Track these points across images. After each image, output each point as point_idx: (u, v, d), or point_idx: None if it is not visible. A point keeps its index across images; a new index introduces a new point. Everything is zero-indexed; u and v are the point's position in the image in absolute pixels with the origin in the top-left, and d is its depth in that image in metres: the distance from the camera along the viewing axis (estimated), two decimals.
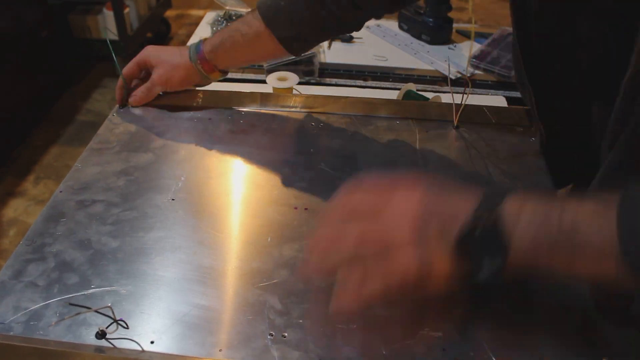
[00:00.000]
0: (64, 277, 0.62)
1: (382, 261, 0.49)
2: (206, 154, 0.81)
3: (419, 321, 0.58)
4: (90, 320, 0.57)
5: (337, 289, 0.51)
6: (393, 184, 0.52)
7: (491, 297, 0.60)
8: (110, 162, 0.79)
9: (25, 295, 0.60)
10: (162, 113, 0.89)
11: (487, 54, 1.29)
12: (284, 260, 0.64)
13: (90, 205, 0.72)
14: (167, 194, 0.73)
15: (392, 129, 0.86)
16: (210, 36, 0.90)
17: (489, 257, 0.46)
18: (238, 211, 0.72)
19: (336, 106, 0.90)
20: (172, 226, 0.69)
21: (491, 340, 0.56)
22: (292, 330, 0.56)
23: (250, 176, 0.78)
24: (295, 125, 0.87)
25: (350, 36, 1.38)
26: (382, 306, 0.58)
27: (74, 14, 2.59)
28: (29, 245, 0.66)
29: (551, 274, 0.46)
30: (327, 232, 0.53)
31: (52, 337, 0.56)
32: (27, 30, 2.32)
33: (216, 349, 0.55)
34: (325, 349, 0.55)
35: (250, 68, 1.29)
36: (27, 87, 2.35)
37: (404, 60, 1.31)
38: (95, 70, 2.82)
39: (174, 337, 0.56)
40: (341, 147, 0.83)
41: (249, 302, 0.59)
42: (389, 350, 0.55)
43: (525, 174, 0.78)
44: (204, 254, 0.65)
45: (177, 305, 0.59)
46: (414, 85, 1.09)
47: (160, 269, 0.63)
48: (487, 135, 0.85)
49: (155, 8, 2.88)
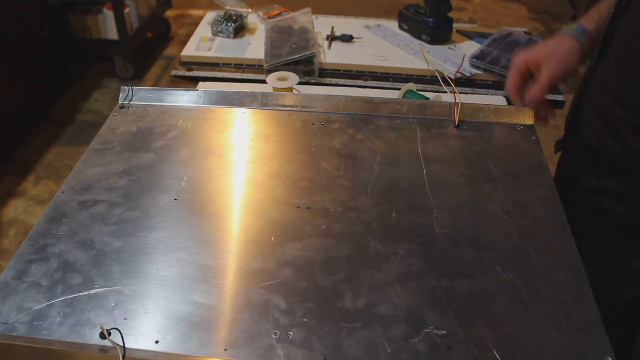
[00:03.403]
0: (67, 277, 0.62)
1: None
2: (208, 153, 0.81)
3: (423, 319, 0.58)
4: (94, 320, 0.57)
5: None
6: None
7: (495, 295, 0.61)
8: (112, 162, 0.79)
9: (29, 295, 0.60)
10: (163, 113, 0.90)
11: (487, 54, 1.29)
12: (287, 259, 0.65)
13: (92, 206, 0.72)
14: (170, 194, 0.74)
15: (393, 127, 0.87)
16: (582, 17, 0.90)
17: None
18: (240, 211, 0.72)
19: (337, 105, 0.90)
20: (175, 226, 0.69)
21: (495, 338, 0.56)
22: (296, 329, 0.57)
23: (252, 176, 0.78)
24: (296, 125, 0.87)
25: (350, 36, 1.37)
26: (385, 305, 0.58)
27: (74, 14, 2.59)
28: (31, 246, 0.66)
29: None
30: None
31: (56, 337, 0.56)
32: (27, 30, 2.32)
33: (221, 348, 0.55)
34: (329, 347, 0.55)
35: (250, 68, 1.29)
36: (27, 87, 2.35)
37: (404, 60, 1.31)
38: (95, 70, 2.82)
39: (178, 337, 0.56)
40: (342, 146, 0.83)
41: (253, 302, 0.60)
42: (393, 348, 0.55)
43: (525, 173, 0.78)
44: (207, 254, 0.65)
45: (181, 305, 0.59)
46: (414, 85, 1.10)
47: (163, 269, 0.63)
48: (488, 134, 0.85)
49: (155, 8, 2.87)
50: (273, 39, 1.32)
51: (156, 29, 3.03)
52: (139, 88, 0.93)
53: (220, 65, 1.30)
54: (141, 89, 0.93)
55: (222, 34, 1.38)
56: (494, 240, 0.68)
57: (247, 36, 1.40)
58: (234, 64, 1.30)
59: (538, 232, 0.69)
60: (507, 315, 0.59)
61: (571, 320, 0.58)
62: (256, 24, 1.44)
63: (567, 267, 0.64)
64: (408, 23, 1.41)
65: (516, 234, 0.68)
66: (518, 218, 0.71)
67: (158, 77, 2.79)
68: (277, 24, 1.37)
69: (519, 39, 1.36)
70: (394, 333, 0.57)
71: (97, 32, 2.60)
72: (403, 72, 1.29)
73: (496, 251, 0.66)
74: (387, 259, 0.65)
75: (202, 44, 1.36)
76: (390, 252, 0.66)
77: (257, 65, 1.29)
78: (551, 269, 0.64)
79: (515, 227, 0.69)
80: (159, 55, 2.97)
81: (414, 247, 0.66)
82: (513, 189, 0.75)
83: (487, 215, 0.71)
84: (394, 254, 0.65)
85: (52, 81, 2.57)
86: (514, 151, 0.82)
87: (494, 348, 0.55)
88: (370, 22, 1.47)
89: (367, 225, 0.69)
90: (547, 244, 0.67)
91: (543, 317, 0.59)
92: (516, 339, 0.57)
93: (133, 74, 2.73)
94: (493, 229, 0.69)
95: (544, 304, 0.60)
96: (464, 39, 1.41)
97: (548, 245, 0.67)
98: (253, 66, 1.30)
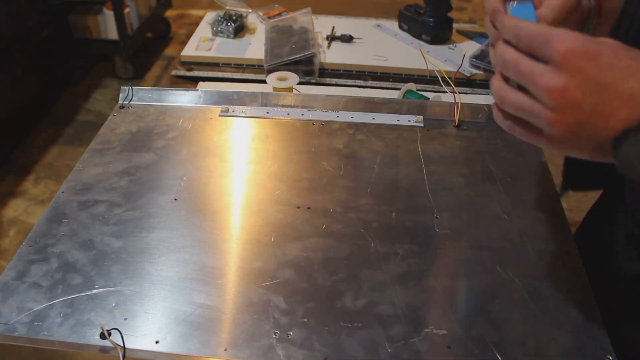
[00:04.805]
0: (67, 278, 0.62)
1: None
2: (208, 153, 0.81)
3: (424, 319, 0.58)
4: (94, 320, 0.57)
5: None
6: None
7: (495, 295, 0.61)
8: (112, 162, 0.79)
9: (29, 296, 0.60)
10: (163, 113, 0.90)
11: (487, 54, 1.30)
12: (288, 259, 0.65)
13: (92, 206, 0.72)
14: (170, 194, 0.74)
15: (393, 127, 0.87)
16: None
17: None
18: (241, 211, 0.72)
19: (337, 105, 0.90)
20: (175, 226, 0.69)
21: (495, 338, 0.56)
22: (296, 329, 0.57)
23: (252, 176, 0.78)
24: (296, 125, 0.87)
25: (350, 36, 1.37)
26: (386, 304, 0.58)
27: (74, 14, 2.59)
28: (31, 246, 0.66)
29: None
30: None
31: (57, 338, 0.56)
32: (27, 30, 2.32)
33: (221, 348, 0.55)
34: (330, 347, 0.55)
35: (250, 68, 1.29)
36: (27, 87, 2.35)
37: (404, 60, 1.31)
38: (95, 70, 2.82)
39: (178, 337, 0.56)
40: (343, 146, 0.83)
41: (253, 302, 0.60)
42: (393, 348, 0.55)
43: (526, 173, 0.78)
44: (208, 254, 0.65)
45: (181, 305, 0.59)
46: (414, 85, 1.10)
47: (164, 269, 0.63)
48: (488, 134, 0.85)
49: (155, 8, 2.87)
50: (273, 39, 1.32)
51: (156, 29, 3.03)
52: (139, 88, 0.93)
53: (220, 65, 1.30)
54: (141, 89, 0.93)
55: (222, 34, 1.38)
56: (494, 240, 0.68)
57: (247, 36, 1.40)
58: (234, 64, 1.30)
59: (538, 232, 0.69)
60: (507, 315, 0.59)
61: (571, 319, 0.58)
62: (256, 24, 1.44)
63: (567, 267, 0.64)
64: (408, 23, 1.41)
65: (516, 234, 0.68)
66: (518, 218, 0.71)
67: (158, 77, 2.79)
68: (277, 24, 1.37)
69: None
70: (394, 333, 0.57)
71: (97, 32, 2.60)
72: (403, 72, 1.29)
73: (496, 251, 0.66)
74: (387, 259, 0.65)
75: (202, 44, 1.36)
76: (390, 252, 0.66)
77: (257, 65, 1.29)
78: (551, 269, 0.64)
79: (515, 227, 0.69)
80: (159, 55, 2.97)
81: (414, 247, 0.66)
82: (513, 189, 0.75)
83: (487, 215, 0.71)
84: (394, 254, 0.65)
85: (52, 81, 2.57)
86: (514, 151, 0.82)
87: (494, 348, 0.55)
88: (370, 22, 1.47)
89: (367, 225, 0.69)
90: (547, 244, 0.67)
91: (543, 316, 0.59)
92: (516, 338, 0.57)
93: (133, 74, 2.73)
94: (493, 229, 0.69)
95: (544, 303, 0.60)
96: (464, 39, 1.41)
97: (548, 245, 0.67)
98: (253, 66, 1.30)
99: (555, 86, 0.43)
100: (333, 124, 0.87)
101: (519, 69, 0.46)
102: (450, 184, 0.76)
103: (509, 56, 0.47)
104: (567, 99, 0.43)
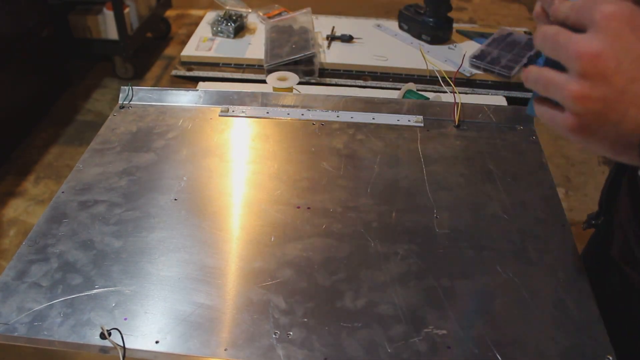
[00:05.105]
0: (67, 278, 0.62)
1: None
2: (208, 153, 0.81)
3: (424, 319, 0.58)
4: (94, 320, 0.57)
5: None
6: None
7: (495, 295, 0.61)
8: (112, 162, 0.79)
9: (29, 296, 0.60)
10: (163, 113, 0.90)
11: (487, 54, 1.30)
12: (288, 259, 0.65)
13: (92, 206, 0.72)
14: (170, 194, 0.74)
15: (393, 127, 0.87)
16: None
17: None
18: (240, 211, 0.72)
19: (337, 105, 0.90)
20: (175, 226, 0.69)
21: (495, 338, 0.56)
22: (296, 329, 0.57)
23: (252, 176, 0.78)
24: (296, 125, 0.87)
25: (350, 36, 1.38)
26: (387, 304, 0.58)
27: (74, 14, 2.58)
28: (31, 246, 0.66)
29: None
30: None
31: (57, 338, 0.56)
32: (27, 30, 2.32)
33: (221, 348, 0.55)
34: (330, 347, 0.55)
35: (250, 68, 1.29)
36: (27, 87, 2.35)
37: (404, 60, 1.31)
38: (95, 70, 2.82)
39: (178, 337, 0.56)
40: (342, 146, 0.83)
41: (253, 302, 0.60)
42: (393, 348, 0.55)
43: (525, 173, 0.78)
44: (208, 254, 0.65)
45: (181, 305, 0.59)
46: (414, 85, 1.10)
47: (163, 269, 0.63)
48: (488, 134, 0.85)
49: (155, 8, 2.87)
50: (273, 39, 1.32)
51: (156, 29, 3.03)
52: (139, 88, 0.93)
53: (220, 65, 1.30)
54: (141, 89, 0.93)
55: (222, 34, 1.38)
56: (494, 240, 0.68)
57: (247, 36, 1.40)
58: (234, 64, 1.30)
59: (538, 232, 0.69)
60: (507, 314, 0.59)
61: (571, 319, 0.58)
62: (256, 24, 1.44)
63: (567, 267, 0.64)
64: (408, 23, 1.41)
65: (516, 234, 0.68)
66: (518, 218, 0.71)
67: (158, 77, 2.79)
68: (277, 24, 1.37)
69: (519, 39, 1.36)
70: (394, 333, 0.57)
71: (97, 32, 2.60)
72: (403, 72, 1.29)
73: (496, 251, 0.66)
74: (387, 259, 0.65)
75: (202, 44, 1.36)
76: (390, 252, 0.66)
77: (257, 65, 1.30)
78: (551, 269, 0.64)
79: (515, 227, 0.69)
80: (159, 55, 2.96)
81: (414, 247, 0.66)
82: (513, 189, 0.75)
83: (487, 215, 0.71)
84: (394, 254, 0.65)
85: (52, 81, 2.57)
86: (514, 151, 0.82)
87: (494, 348, 0.55)
88: (370, 22, 1.47)
89: (367, 225, 0.69)
90: (547, 244, 0.67)
91: (543, 316, 0.59)
92: (517, 338, 0.57)
93: (133, 74, 2.73)
94: (493, 229, 0.69)
95: (544, 303, 0.60)
96: (464, 39, 1.41)
97: (548, 245, 0.67)
98: (253, 66, 1.30)
99: (588, 50, 0.38)
100: (333, 124, 0.87)
101: (556, 40, 0.41)
102: (450, 184, 0.76)
103: (550, 30, 0.42)
104: (598, 67, 0.38)
